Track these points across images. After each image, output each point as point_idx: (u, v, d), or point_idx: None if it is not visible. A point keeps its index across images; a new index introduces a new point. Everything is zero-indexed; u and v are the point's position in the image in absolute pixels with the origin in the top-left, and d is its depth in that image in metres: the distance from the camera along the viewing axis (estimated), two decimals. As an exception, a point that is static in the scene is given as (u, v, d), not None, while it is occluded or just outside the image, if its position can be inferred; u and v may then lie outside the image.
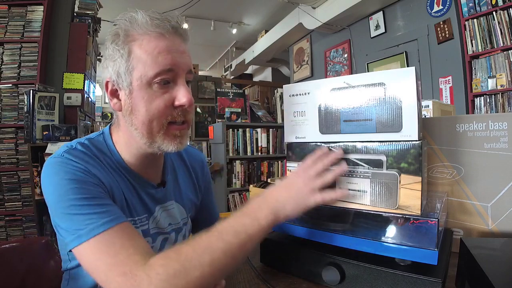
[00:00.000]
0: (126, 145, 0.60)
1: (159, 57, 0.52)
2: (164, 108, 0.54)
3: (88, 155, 0.55)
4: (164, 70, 0.52)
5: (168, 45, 0.53)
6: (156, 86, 0.53)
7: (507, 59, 2.24)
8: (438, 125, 0.65)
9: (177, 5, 4.09)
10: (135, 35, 0.53)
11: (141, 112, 0.54)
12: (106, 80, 0.57)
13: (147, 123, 0.54)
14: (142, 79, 0.53)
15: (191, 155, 0.78)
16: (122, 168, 0.60)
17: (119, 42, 0.54)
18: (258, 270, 0.61)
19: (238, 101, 2.84)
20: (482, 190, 0.61)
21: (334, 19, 3.58)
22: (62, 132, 2.16)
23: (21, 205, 2.22)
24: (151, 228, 0.63)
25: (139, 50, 0.53)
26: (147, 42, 0.53)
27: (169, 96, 0.54)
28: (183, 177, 0.74)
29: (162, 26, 0.53)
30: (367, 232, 0.52)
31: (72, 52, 2.47)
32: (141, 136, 0.56)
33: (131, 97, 0.54)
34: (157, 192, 0.65)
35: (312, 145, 0.58)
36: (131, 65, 0.53)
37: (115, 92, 0.57)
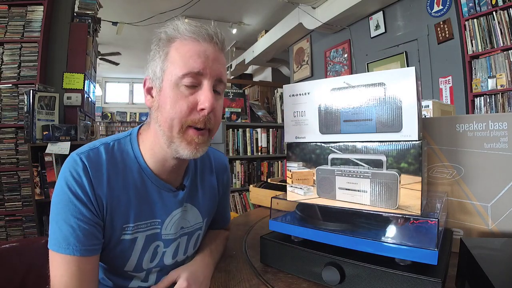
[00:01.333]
0: (151, 146, 0.62)
1: (190, 60, 0.55)
2: (187, 109, 0.55)
3: (103, 162, 0.58)
4: (192, 72, 0.54)
5: (200, 50, 0.55)
6: (183, 87, 0.55)
7: (507, 59, 2.24)
8: (438, 125, 0.65)
9: (177, 5, 4.09)
10: (174, 39, 0.57)
11: (166, 109, 0.56)
12: (145, 78, 0.61)
13: (169, 121, 0.56)
14: (172, 78, 0.55)
15: (217, 159, 0.79)
16: (142, 170, 0.62)
17: (161, 44, 0.57)
18: (258, 270, 0.61)
19: (238, 101, 2.84)
20: (482, 190, 0.61)
21: (334, 19, 3.58)
22: (62, 132, 2.16)
23: (21, 205, 2.22)
24: (164, 234, 0.64)
25: (175, 52, 0.56)
26: (182, 46, 0.56)
27: (193, 99, 0.56)
28: (205, 181, 0.74)
29: (198, 32, 0.56)
30: (367, 232, 0.52)
31: (72, 52, 2.47)
32: (162, 134, 0.58)
33: (160, 94, 0.57)
34: (175, 195, 0.65)
35: (312, 145, 0.58)
36: (165, 65, 0.56)
37: (150, 90, 0.60)
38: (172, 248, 0.66)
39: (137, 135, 0.65)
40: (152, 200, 0.62)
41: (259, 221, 1.02)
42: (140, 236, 0.61)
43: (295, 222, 0.61)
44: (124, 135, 0.65)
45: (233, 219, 1.13)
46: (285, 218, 0.64)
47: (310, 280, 0.55)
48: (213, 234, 0.78)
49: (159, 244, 0.64)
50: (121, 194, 0.59)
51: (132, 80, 9.14)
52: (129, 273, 0.63)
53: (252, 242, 0.79)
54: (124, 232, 0.59)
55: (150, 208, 0.62)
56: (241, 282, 0.57)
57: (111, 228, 0.58)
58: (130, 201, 0.59)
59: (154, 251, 0.63)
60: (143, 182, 0.61)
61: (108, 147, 0.61)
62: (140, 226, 0.61)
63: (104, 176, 0.57)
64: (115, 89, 9.08)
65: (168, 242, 0.65)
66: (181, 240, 0.68)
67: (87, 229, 0.54)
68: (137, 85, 9.23)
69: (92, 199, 0.55)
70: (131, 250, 0.60)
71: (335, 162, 0.55)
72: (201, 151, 0.58)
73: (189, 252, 0.71)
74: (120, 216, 0.58)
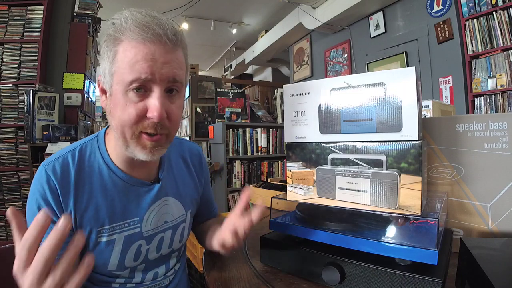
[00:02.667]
0: (115, 146, 0.62)
1: (136, 65, 0.51)
2: (136, 117, 0.53)
3: (70, 171, 0.58)
4: (139, 78, 0.51)
5: (147, 54, 0.51)
6: (131, 93, 0.52)
7: (507, 59, 2.24)
8: (438, 125, 0.65)
9: (177, 5, 4.10)
10: (121, 38, 0.52)
11: (117, 115, 0.54)
12: (98, 77, 0.59)
13: (120, 128, 0.55)
14: (119, 84, 0.53)
15: (190, 150, 0.79)
16: (112, 171, 0.62)
17: (109, 42, 0.54)
18: (258, 270, 0.61)
19: (238, 101, 2.84)
20: (482, 190, 0.61)
21: (334, 19, 3.58)
22: (62, 132, 2.16)
23: (21, 205, 2.22)
24: (144, 231, 0.64)
25: (122, 54, 0.52)
26: (129, 48, 0.51)
27: (142, 106, 0.53)
28: (182, 171, 0.74)
29: (143, 33, 0.50)
30: (367, 232, 0.52)
31: (72, 52, 2.47)
32: (118, 138, 0.57)
33: (111, 99, 0.55)
34: (150, 189, 0.65)
35: (312, 145, 0.58)
36: (113, 68, 0.53)
37: (104, 91, 0.58)
38: (155, 243, 0.66)
39: (104, 135, 0.64)
40: (126, 199, 0.62)
41: (259, 221, 1.02)
42: (117, 237, 0.61)
43: (295, 222, 0.61)
44: (91, 137, 0.65)
45: (233, 219, 1.13)
46: (285, 218, 0.64)
47: (310, 280, 0.55)
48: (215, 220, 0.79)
49: (141, 243, 0.64)
50: (90, 199, 0.59)
51: (132, 80, 9.13)
52: (113, 272, 0.63)
53: (252, 242, 0.79)
54: (100, 235, 0.59)
55: (125, 208, 0.62)
56: (241, 282, 0.57)
57: (85, 234, 0.58)
58: (101, 205, 0.59)
59: (137, 251, 0.64)
60: (114, 183, 0.61)
61: (75, 153, 0.60)
62: (116, 228, 0.61)
63: (71, 185, 0.57)
64: (115, 89, 9.08)
65: (150, 238, 0.65)
66: (165, 234, 0.68)
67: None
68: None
69: (57, 212, 0.56)
70: (110, 251, 0.61)
71: (335, 162, 0.55)
72: (158, 153, 0.57)
73: (175, 245, 0.71)
74: (92, 221, 0.59)
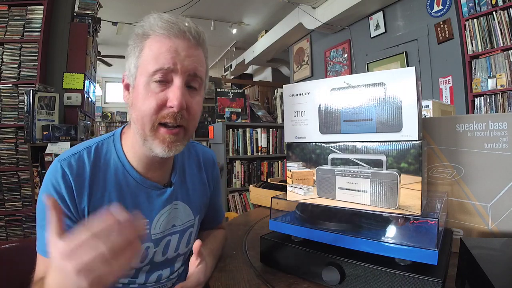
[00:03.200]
0: (132, 144, 0.62)
1: (160, 56, 0.54)
2: (156, 106, 0.54)
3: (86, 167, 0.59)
4: (162, 68, 0.54)
5: (171, 46, 0.54)
6: (154, 84, 0.55)
7: (507, 59, 2.24)
8: (438, 125, 0.65)
9: (177, 5, 4.10)
10: (148, 36, 0.56)
11: (138, 106, 0.56)
12: (123, 74, 0.61)
13: (140, 119, 0.56)
14: (143, 75, 0.55)
15: (204, 153, 0.79)
16: (127, 171, 0.62)
17: (136, 40, 0.57)
18: (258, 270, 0.61)
19: (238, 101, 2.84)
20: (482, 190, 0.61)
21: (334, 19, 3.58)
22: (62, 132, 2.16)
23: (21, 205, 2.22)
24: (153, 234, 0.64)
25: (148, 49, 0.56)
26: (155, 42, 0.55)
27: (163, 96, 0.55)
28: (194, 177, 0.74)
29: (169, 29, 0.55)
30: (367, 232, 0.52)
31: (72, 52, 2.47)
32: (137, 131, 0.58)
33: (134, 91, 0.58)
34: (162, 193, 0.65)
35: (312, 145, 0.58)
36: (138, 62, 0.57)
37: (128, 86, 0.60)
38: (162, 246, 0.66)
39: (120, 134, 0.65)
40: (138, 201, 0.62)
41: (259, 221, 1.02)
42: None
43: (295, 222, 0.61)
44: (108, 136, 0.65)
45: (233, 219, 1.13)
46: (285, 218, 0.64)
47: (310, 280, 0.55)
48: (212, 235, 0.77)
49: (149, 245, 0.64)
50: (104, 196, 0.59)
51: (132, 80, 9.13)
52: None
53: (252, 242, 0.79)
54: None
55: (136, 209, 0.62)
56: (241, 282, 0.57)
57: None
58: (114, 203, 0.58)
59: (144, 253, 0.63)
60: (128, 183, 0.62)
61: (91, 150, 0.61)
62: None
63: (86, 182, 0.58)
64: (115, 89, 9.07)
65: (158, 241, 0.65)
66: (172, 238, 0.68)
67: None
68: (137, 85, 9.20)
69: (71, 207, 0.56)
70: None
71: (335, 162, 0.55)
72: (175, 149, 0.57)
73: (181, 250, 0.71)
74: None
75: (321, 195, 0.57)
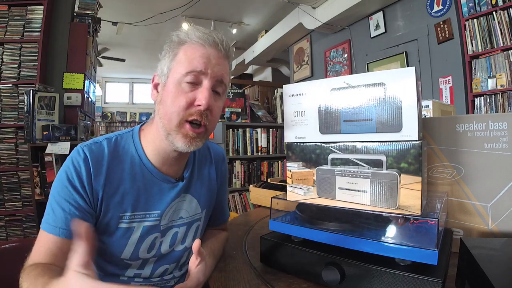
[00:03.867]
0: (153, 139, 0.66)
1: (194, 61, 0.60)
2: (185, 104, 0.60)
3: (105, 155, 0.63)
4: (194, 70, 0.60)
5: (204, 53, 0.61)
6: (185, 84, 0.60)
7: (507, 59, 2.24)
8: (438, 125, 0.65)
9: (177, 5, 4.09)
10: (184, 43, 0.62)
11: (167, 103, 0.61)
12: (154, 74, 0.67)
13: (169, 114, 0.61)
14: (176, 76, 0.61)
15: (215, 150, 0.83)
16: (143, 163, 0.66)
17: (172, 46, 0.63)
18: (258, 270, 0.61)
19: (238, 101, 2.84)
20: (482, 190, 0.61)
21: (334, 19, 3.58)
22: (62, 132, 2.16)
23: (21, 205, 2.22)
24: (162, 224, 0.67)
25: (183, 54, 0.62)
26: (190, 49, 0.61)
27: (192, 96, 0.60)
28: (204, 171, 0.77)
29: (205, 38, 0.61)
30: (367, 232, 0.52)
31: (72, 52, 2.47)
32: (162, 126, 0.63)
33: (164, 89, 0.63)
34: (174, 186, 0.69)
35: (312, 145, 0.58)
36: (172, 64, 0.62)
37: (157, 85, 0.66)
38: (169, 237, 0.69)
39: (139, 131, 0.69)
40: (151, 192, 0.66)
41: (259, 221, 1.02)
42: (136, 225, 0.64)
43: (295, 222, 0.61)
44: (127, 130, 0.70)
45: (233, 219, 1.13)
46: (285, 218, 0.64)
47: (310, 280, 0.55)
48: (214, 235, 0.79)
49: (157, 235, 0.67)
50: (119, 185, 0.63)
51: (132, 80, 9.12)
52: (125, 261, 0.65)
53: (252, 242, 0.79)
54: (121, 221, 0.63)
55: (148, 200, 0.65)
56: (241, 282, 0.57)
57: (107, 217, 0.62)
58: (128, 192, 0.63)
59: (152, 242, 0.66)
60: (143, 174, 0.66)
61: (111, 141, 0.66)
62: (136, 216, 0.64)
63: (104, 168, 0.62)
64: (115, 89, 9.08)
65: (165, 231, 0.68)
66: (179, 230, 0.70)
67: (77, 215, 0.58)
68: (137, 85, 9.21)
69: (87, 188, 0.60)
70: (127, 238, 0.63)
71: (335, 162, 0.55)
72: (195, 145, 0.62)
73: (188, 243, 0.72)
74: (117, 206, 0.62)
75: (321, 195, 0.57)
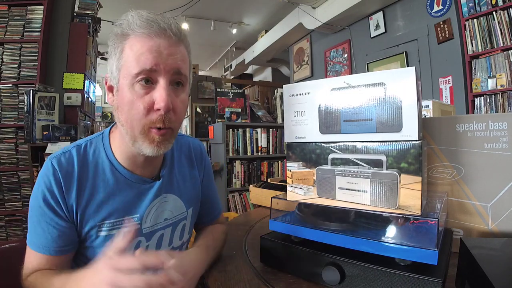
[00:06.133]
0: (119, 144, 0.63)
1: (141, 57, 0.53)
2: (144, 110, 0.54)
3: (74, 165, 0.60)
4: (144, 69, 0.53)
5: (152, 46, 0.53)
6: (138, 86, 0.54)
7: (507, 59, 2.24)
8: (438, 125, 0.65)
9: (177, 5, 4.09)
10: (127, 35, 0.55)
11: (125, 110, 0.56)
12: (105, 75, 0.60)
13: (129, 122, 0.56)
14: (126, 77, 0.54)
15: (193, 144, 0.80)
16: (115, 168, 0.63)
17: (116, 40, 0.56)
18: (258, 270, 0.61)
19: (238, 101, 2.84)
20: (482, 190, 0.61)
21: (334, 19, 3.58)
22: (62, 132, 2.16)
23: (21, 205, 2.22)
24: (144, 228, 0.65)
25: (129, 50, 0.54)
26: (135, 43, 0.54)
27: (149, 98, 0.54)
28: (183, 169, 0.74)
29: (149, 27, 0.53)
30: (367, 232, 0.52)
31: (72, 52, 2.47)
32: (126, 133, 0.58)
33: (118, 94, 0.57)
34: (151, 186, 0.66)
35: (312, 145, 0.58)
36: (120, 64, 0.55)
37: (111, 88, 0.59)
38: (155, 240, 0.67)
39: (109, 133, 0.66)
40: (127, 196, 0.63)
41: (259, 221, 1.02)
42: (117, 232, 0.61)
43: (295, 222, 0.61)
44: (97, 135, 0.66)
45: (233, 219, 1.13)
46: (285, 218, 0.64)
47: (310, 280, 0.55)
48: (210, 230, 0.77)
49: (141, 239, 0.65)
50: (93, 193, 0.60)
51: (132, 80, 9.13)
52: None
53: (252, 242, 0.79)
54: (99, 230, 0.60)
55: (125, 204, 0.63)
56: (241, 282, 0.57)
57: (86, 228, 0.60)
58: (103, 201, 0.60)
59: (136, 247, 0.64)
60: (116, 179, 0.62)
61: (80, 149, 0.62)
62: (116, 223, 0.61)
63: (75, 179, 0.59)
64: (115, 89, 9.08)
65: (150, 235, 0.66)
66: (165, 232, 0.68)
67: (57, 233, 0.58)
68: (137, 85, 9.19)
69: (62, 204, 0.58)
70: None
71: (335, 162, 0.55)
72: (164, 148, 0.58)
73: (175, 243, 0.71)
74: (93, 215, 0.60)
75: (321, 195, 0.57)
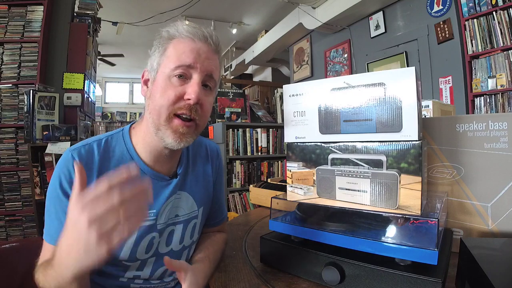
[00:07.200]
0: (143, 136, 0.65)
1: (183, 55, 0.60)
2: (174, 97, 0.59)
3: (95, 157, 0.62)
4: (183, 64, 0.59)
5: (193, 47, 0.60)
6: (174, 79, 0.60)
7: (507, 59, 2.24)
8: (438, 125, 0.65)
9: (177, 5, 4.09)
10: (173, 37, 0.62)
11: (156, 97, 0.60)
12: (144, 70, 0.66)
13: (157, 108, 0.60)
14: (165, 70, 0.60)
15: (210, 145, 0.83)
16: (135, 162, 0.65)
17: (161, 41, 0.63)
18: (258, 270, 0.61)
19: (238, 101, 2.84)
20: (482, 190, 0.61)
21: (334, 19, 3.58)
22: (62, 132, 2.16)
23: (21, 205, 2.22)
24: (159, 223, 0.66)
25: (172, 49, 0.61)
26: (179, 43, 0.61)
27: (181, 90, 0.60)
28: (198, 168, 0.76)
29: (194, 33, 0.61)
30: (367, 232, 0.52)
31: (72, 52, 2.47)
32: (151, 121, 0.61)
33: (154, 84, 0.62)
34: (168, 183, 0.68)
35: (312, 145, 0.58)
36: (162, 59, 0.62)
37: (146, 81, 0.65)
38: (165, 236, 0.68)
39: (129, 130, 0.68)
40: None
41: (259, 221, 1.02)
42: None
43: (295, 222, 0.61)
44: (117, 131, 0.69)
45: (233, 219, 1.13)
46: (285, 218, 0.64)
47: (310, 280, 0.55)
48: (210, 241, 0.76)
49: (154, 235, 0.66)
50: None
51: (132, 80, 9.11)
52: (123, 262, 0.64)
53: (252, 242, 0.79)
54: None
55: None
56: (241, 282, 0.57)
57: None
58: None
59: (149, 242, 0.65)
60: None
61: (101, 142, 0.64)
62: None
63: (94, 171, 0.61)
64: (115, 89, 9.07)
65: (162, 230, 0.67)
66: (175, 228, 0.69)
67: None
68: (137, 85, 9.19)
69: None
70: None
71: (335, 162, 0.55)
72: (185, 141, 0.61)
73: (186, 242, 0.71)
74: None
75: (321, 195, 0.57)
